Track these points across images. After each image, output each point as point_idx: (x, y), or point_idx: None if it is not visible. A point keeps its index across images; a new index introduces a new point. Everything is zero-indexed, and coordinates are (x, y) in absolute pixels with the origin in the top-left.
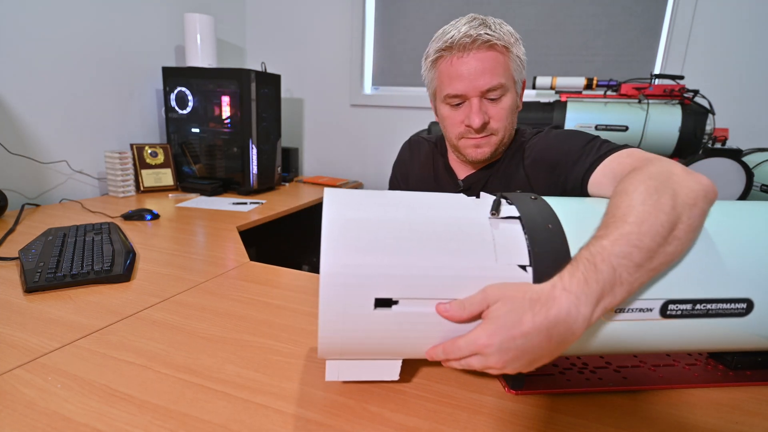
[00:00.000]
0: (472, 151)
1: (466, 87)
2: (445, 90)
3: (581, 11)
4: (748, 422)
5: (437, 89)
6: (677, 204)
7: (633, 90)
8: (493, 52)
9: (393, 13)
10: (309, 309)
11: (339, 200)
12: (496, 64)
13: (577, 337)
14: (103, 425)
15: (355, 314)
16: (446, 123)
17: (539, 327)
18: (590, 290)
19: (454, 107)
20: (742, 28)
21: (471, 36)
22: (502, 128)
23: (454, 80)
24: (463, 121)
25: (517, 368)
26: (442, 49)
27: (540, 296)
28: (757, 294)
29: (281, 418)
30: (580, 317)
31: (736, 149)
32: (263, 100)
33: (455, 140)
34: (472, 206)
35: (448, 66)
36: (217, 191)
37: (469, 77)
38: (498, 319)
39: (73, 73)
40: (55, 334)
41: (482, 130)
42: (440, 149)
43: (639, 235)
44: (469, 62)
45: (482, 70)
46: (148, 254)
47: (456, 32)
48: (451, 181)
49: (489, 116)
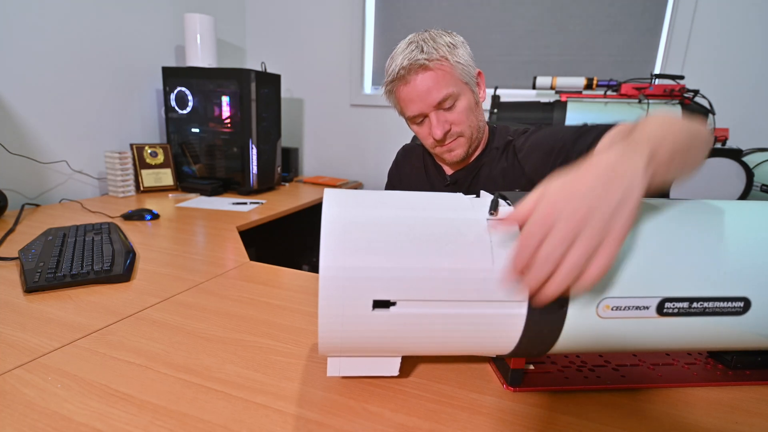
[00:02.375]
0: (448, 155)
1: (420, 107)
2: (406, 113)
3: (581, 11)
4: (748, 422)
5: (401, 112)
6: (692, 127)
7: (633, 90)
8: (431, 72)
9: (393, 13)
10: (309, 309)
11: (339, 201)
12: (437, 80)
13: (637, 195)
14: (103, 425)
15: (353, 315)
16: (420, 138)
17: (598, 174)
18: (638, 147)
19: (419, 124)
20: (742, 28)
21: (405, 67)
22: (467, 128)
23: (409, 104)
24: (430, 134)
25: (592, 238)
26: (390, 81)
27: (587, 162)
28: (754, 293)
29: (281, 418)
30: (633, 165)
31: (736, 149)
32: (263, 100)
33: (431, 149)
34: (471, 207)
35: (401, 92)
36: (217, 191)
37: (419, 98)
38: (556, 187)
39: (73, 73)
40: (55, 334)
41: (447, 138)
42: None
43: (667, 132)
44: (415, 87)
45: (428, 89)
46: (148, 254)
47: (395, 66)
48: (440, 177)
49: (450, 123)
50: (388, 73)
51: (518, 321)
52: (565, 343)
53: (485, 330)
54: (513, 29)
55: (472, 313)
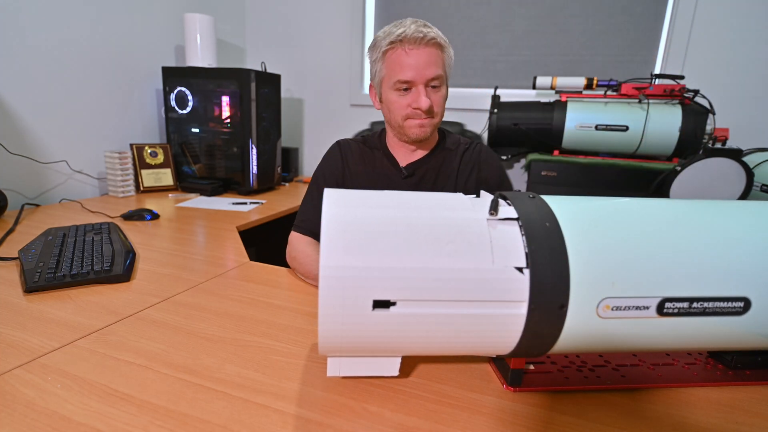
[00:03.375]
0: (417, 130)
1: (415, 75)
2: (397, 76)
3: (581, 11)
4: (748, 422)
5: (386, 77)
6: None
7: (633, 90)
8: (437, 49)
9: (393, 13)
10: (309, 309)
11: (339, 201)
12: (438, 59)
13: None
14: (102, 425)
15: (353, 315)
16: (393, 107)
17: None
18: None
19: (402, 92)
20: (742, 28)
21: (422, 32)
22: (440, 113)
23: (405, 68)
24: (410, 104)
25: None
26: (391, 42)
27: None
28: (754, 293)
29: (281, 418)
30: None
31: (737, 149)
32: (263, 100)
33: (401, 121)
34: (471, 207)
35: (399, 56)
36: (217, 191)
37: (418, 67)
38: None
39: (73, 73)
40: (55, 334)
41: (428, 112)
42: (371, 144)
43: None
44: (419, 54)
45: (428, 63)
46: (147, 254)
47: (407, 29)
48: (392, 167)
49: (431, 101)
50: (387, 35)
51: (518, 321)
52: (565, 343)
53: (485, 330)
54: (513, 29)
55: (472, 313)
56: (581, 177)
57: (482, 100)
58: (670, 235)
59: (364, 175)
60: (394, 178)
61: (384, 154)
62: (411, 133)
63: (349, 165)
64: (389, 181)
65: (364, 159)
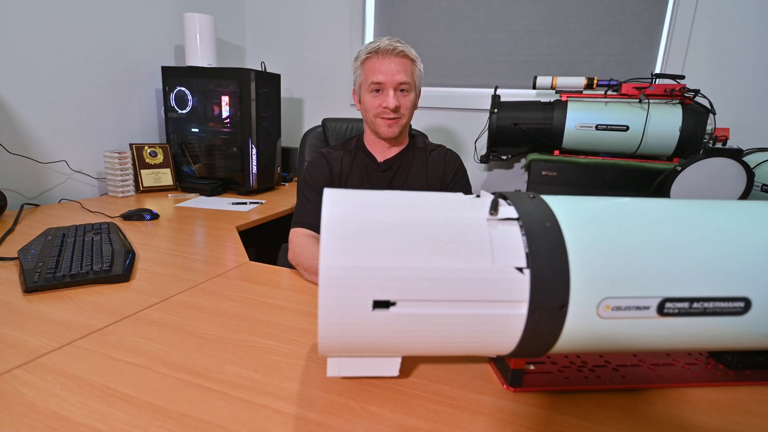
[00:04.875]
0: (386, 129)
1: (386, 78)
2: (371, 79)
3: (581, 11)
4: (748, 422)
5: (363, 81)
6: None
7: (633, 90)
8: (406, 60)
9: (393, 13)
10: (309, 309)
11: (339, 201)
12: (407, 68)
13: None
14: (102, 425)
15: (353, 315)
16: (367, 106)
17: None
18: None
19: (375, 93)
20: (742, 27)
21: (393, 45)
22: (407, 114)
23: (377, 73)
24: (381, 104)
25: None
26: (371, 52)
27: None
28: (755, 293)
29: (281, 418)
30: None
31: (737, 149)
32: (263, 100)
33: (373, 119)
34: (471, 207)
35: (374, 63)
36: (216, 191)
37: (388, 72)
38: None
39: (72, 73)
40: (55, 334)
41: (395, 112)
42: (349, 147)
43: None
44: (390, 62)
45: (397, 70)
46: (147, 254)
47: (381, 43)
48: (372, 163)
49: (399, 104)
50: (366, 48)
51: (518, 321)
52: (565, 343)
53: (485, 330)
54: (513, 29)
55: (472, 313)
56: (581, 177)
57: (482, 99)
58: (671, 235)
59: (348, 173)
60: (373, 173)
61: (364, 152)
62: (381, 131)
63: (334, 168)
64: (369, 176)
65: (346, 160)
